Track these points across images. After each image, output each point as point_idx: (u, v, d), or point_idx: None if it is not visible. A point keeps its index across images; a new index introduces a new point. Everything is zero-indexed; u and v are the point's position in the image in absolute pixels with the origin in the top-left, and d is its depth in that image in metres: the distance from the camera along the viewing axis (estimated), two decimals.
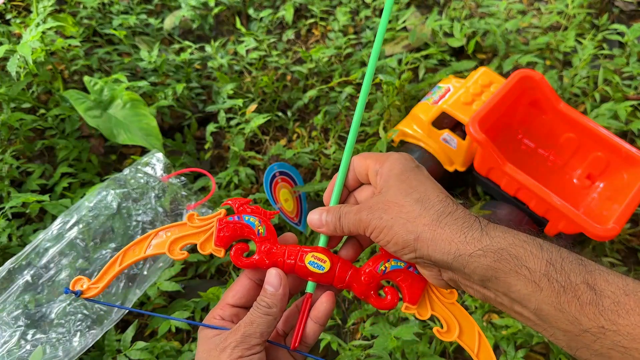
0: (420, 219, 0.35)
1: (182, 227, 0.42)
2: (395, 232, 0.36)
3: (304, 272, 0.41)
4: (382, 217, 0.36)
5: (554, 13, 1.22)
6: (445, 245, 0.34)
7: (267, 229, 0.42)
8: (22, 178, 0.93)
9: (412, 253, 0.36)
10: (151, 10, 1.29)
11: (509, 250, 0.33)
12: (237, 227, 0.41)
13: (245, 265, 0.41)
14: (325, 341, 0.72)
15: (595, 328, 0.31)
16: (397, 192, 0.37)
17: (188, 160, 0.99)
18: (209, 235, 0.41)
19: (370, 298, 0.41)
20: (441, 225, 0.35)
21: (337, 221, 0.40)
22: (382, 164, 0.39)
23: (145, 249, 0.41)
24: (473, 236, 0.34)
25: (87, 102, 0.89)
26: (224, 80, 1.05)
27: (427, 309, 0.41)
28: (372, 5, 1.26)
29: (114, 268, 0.41)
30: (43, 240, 0.74)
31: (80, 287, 0.40)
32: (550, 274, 0.32)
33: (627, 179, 0.82)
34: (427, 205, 0.36)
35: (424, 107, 0.90)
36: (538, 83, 0.85)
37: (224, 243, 0.41)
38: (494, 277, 0.34)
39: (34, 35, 0.89)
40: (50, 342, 0.68)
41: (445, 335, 0.40)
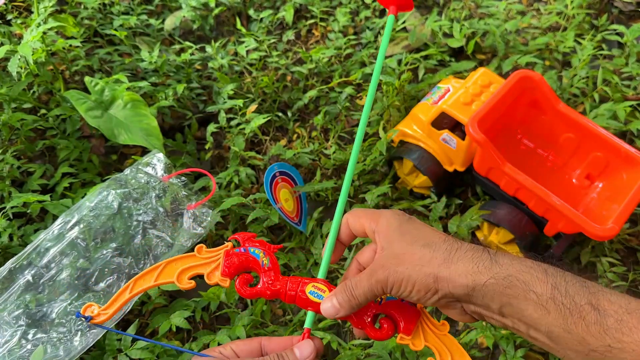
0: (433, 261, 0.37)
1: (191, 258, 0.44)
2: (415, 280, 0.37)
3: (304, 302, 0.43)
4: (398, 271, 0.38)
5: (553, 14, 1.22)
6: (462, 279, 0.36)
7: (270, 261, 0.44)
8: (23, 178, 0.93)
9: (436, 295, 0.37)
10: (152, 11, 1.29)
11: (517, 276, 0.35)
12: (243, 258, 0.44)
13: (249, 295, 0.43)
14: (325, 340, 0.72)
15: (602, 347, 0.32)
16: (403, 244, 0.39)
17: (188, 161, 0.99)
18: (216, 266, 0.44)
19: (367, 328, 0.43)
20: (454, 261, 0.37)
21: (350, 297, 0.40)
22: (377, 222, 0.41)
23: (156, 278, 0.44)
24: (484, 265, 0.36)
25: (87, 103, 0.89)
26: (225, 80, 1.05)
27: (421, 340, 0.43)
28: (372, 5, 1.26)
29: (124, 295, 0.43)
30: (44, 240, 0.74)
31: (91, 313, 0.42)
32: (556, 297, 0.34)
33: (626, 179, 0.82)
34: (434, 247, 0.38)
35: (423, 108, 0.91)
36: (537, 83, 0.85)
37: (230, 274, 0.44)
38: (507, 303, 0.35)
39: (34, 35, 0.89)
40: (51, 342, 0.68)
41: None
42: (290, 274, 0.85)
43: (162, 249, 0.77)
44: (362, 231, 0.43)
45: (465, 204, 0.96)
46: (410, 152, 0.90)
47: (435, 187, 0.91)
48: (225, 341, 0.71)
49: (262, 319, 0.79)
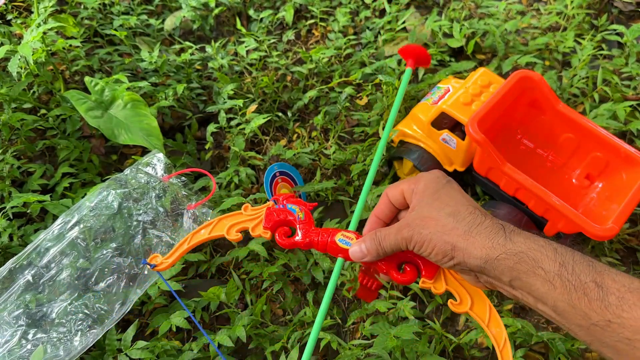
0: (454, 231, 0.40)
1: (238, 215, 0.51)
2: (435, 244, 0.41)
3: (335, 248, 0.47)
4: (422, 232, 0.41)
5: (553, 14, 1.22)
6: (477, 251, 0.39)
7: (305, 215, 0.50)
8: (23, 178, 0.93)
9: (451, 261, 0.41)
10: (152, 11, 1.29)
11: (528, 253, 0.38)
12: (281, 212, 0.50)
13: (287, 245, 0.48)
14: (325, 340, 0.72)
15: (602, 322, 0.35)
16: (432, 209, 0.42)
17: (189, 161, 0.99)
18: (259, 221, 0.50)
19: (392, 272, 0.46)
20: (472, 234, 0.40)
21: (378, 246, 0.45)
22: (417, 184, 0.44)
23: (210, 232, 0.50)
24: (499, 242, 0.39)
25: (88, 103, 0.89)
26: (225, 80, 1.06)
27: (442, 284, 0.46)
28: (372, 6, 1.26)
29: (183, 246, 0.50)
30: (44, 240, 0.74)
31: (155, 262, 0.50)
32: (562, 274, 0.37)
33: (626, 178, 0.82)
34: (459, 218, 0.41)
35: (423, 108, 0.91)
36: (537, 83, 0.85)
37: (271, 227, 0.49)
38: (517, 277, 0.38)
39: (34, 35, 0.89)
40: (51, 342, 0.68)
41: (459, 307, 0.45)
42: (290, 274, 0.85)
43: (162, 248, 0.77)
44: (402, 197, 0.46)
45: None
46: (410, 152, 0.90)
47: None
48: (226, 341, 0.71)
49: (262, 319, 0.79)
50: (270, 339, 0.76)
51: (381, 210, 0.48)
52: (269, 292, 0.83)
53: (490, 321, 0.44)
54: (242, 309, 0.83)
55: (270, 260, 0.85)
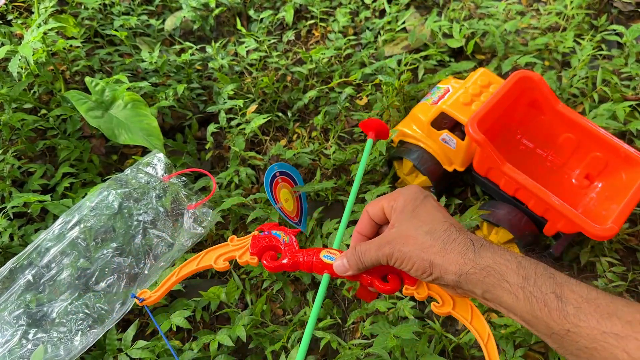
0: (431, 249, 0.42)
1: (224, 246, 0.53)
2: (415, 261, 0.43)
3: (320, 265, 0.49)
4: (402, 250, 0.43)
5: (552, 14, 1.22)
6: (452, 267, 0.41)
7: (290, 239, 0.52)
8: (23, 178, 0.93)
9: (430, 276, 0.43)
10: (152, 11, 1.29)
11: (494, 267, 0.40)
12: (267, 238, 0.52)
13: (273, 268, 0.50)
14: (325, 340, 0.72)
15: (562, 331, 0.37)
16: (410, 226, 0.44)
17: (189, 161, 0.99)
18: (245, 249, 0.52)
19: (375, 283, 0.48)
20: (447, 251, 0.42)
21: (358, 260, 0.46)
22: (396, 201, 0.46)
23: (198, 263, 0.52)
24: (469, 257, 0.41)
25: (88, 103, 0.89)
26: (225, 80, 1.06)
27: (424, 289, 0.48)
28: (372, 6, 1.27)
29: (172, 279, 0.52)
30: (44, 240, 0.74)
31: (144, 297, 0.51)
32: (525, 287, 0.39)
33: (626, 178, 0.82)
34: (435, 235, 0.43)
35: (423, 108, 0.91)
36: (537, 84, 0.85)
37: (257, 252, 0.51)
38: (487, 290, 0.40)
39: (35, 36, 0.89)
40: (52, 341, 0.68)
41: (441, 308, 0.47)
42: (290, 274, 0.85)
43: (163, 248, 0.77)
44: (382, 213, 0.48)
45: (464, 204, 0.96)
46: (410, 152, 0.90)
47: (434, 187, 0.91)
48: (226, 341, 0.71)
49: (262, 319, 0.79)
50: (271, 339, 0.77)
51: (363, 227, 0.50)
52: (269, 292, 0.83)
53: (473, 319, 0.46)
54: (242, 308, 0.84)
55: None
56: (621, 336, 0.34)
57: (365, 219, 0.50)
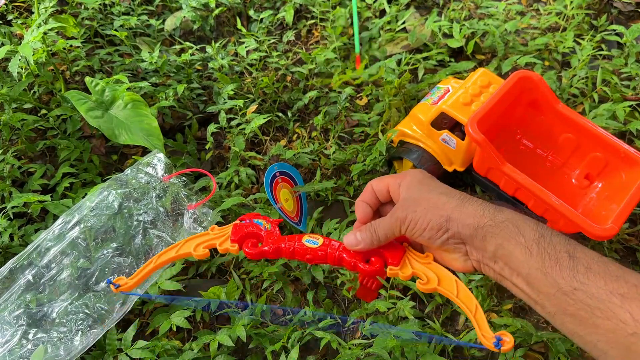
0: (447, 205, 0.44)
1: (204, 235, 0.52)
2: (430, 219, 0.43)
3: (302, 251, 0.49)
4: (416, 210, 0.44)
5: (552, 14, 1.22)
6: (469, 219, 0.42)
7: (272, 226, 0.52)
8: (23, 178, 0.93)
9: (445, 234, 0.43)
10: (152, 11, 1.29)
11: (512, 220, 0.42)
12: (248, 226, 0.51)
13: (254, 255, 0.50)
14: (325, 340, 0.72)
15: (569, 288, 0.38)
16: (422, 192, 0.46)
17: (189, 161, 0.99)
18: (226, 238, 0.51)
19: (358, 266, 0.49)
20: (465, 205, 0.43)
21: (372, 233, 0.47)
22: (403, 179, 0.48)
23: (177, 251, 0.51)
24: (489, 211, 0.43)
25: (88, 103, 0.89)
26: (225, 81, 1.06)
27: (408, 268, 0.48)
28: (373, 6, 1.27)
29: (149, 266, 0.51)
30: (44, 240, 0.74)
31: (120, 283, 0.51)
32: (540, 242, 0.40)
33: (626, 178, 0.82)
34: (450, 195, 0.45)
35: (423, 108, 0.91)
36: (537, 84, 0.85)
37: (238, 240, 0.50)
38: (500, 245, 0.41)
39: (35, 36, 0.89)
40: (52, 342, 0.68)
41: (426, 285, 0.47)
42: (290, 274, 0.85)
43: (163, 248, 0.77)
44: (386, 191, 0.49)
45: None
46: (410, 152, 0.90)
47: None
48: (226, 341, 0.71)
49: (263, 319, 0.79)
50: (271, 339, 0.77)
51: (367, 197, 0.51)
52: (269, 292, 0.83)
53: (459, 292, 0.46)
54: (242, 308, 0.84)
55: (270, 260, 0.85)
56: (626, 297, 0.35)
57: (369, 192, 0.51)
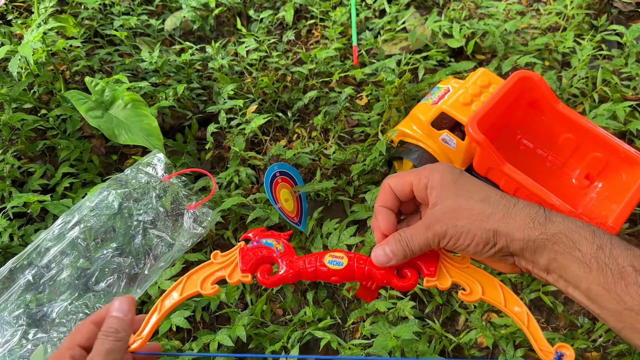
0: (493, 217, 0.39)
1: (208, 266, 0.45)
2: (475, 234, 0.39)
3: (326, 273, 0.44)
4: (457, 225, 0.39)
5: (552, 14, 1.22)
6: (519, 233, 0.38)
7: (284, 246, 0.45)
8: (23, 178, 0.93)
9: (493, 248, 0.39)
10: (152, 11, 1.29)
11: (566, 233, 0.37)
12: (258, 250, 0.45)
13: (273, 283, 0.44)
14: (325, 340, 0.72)
15: (637, 306, 0.34)
16: (459, 199, 0.40)
17: (189, 161, 0.99)
18: (234, 266, 0.45)
19: (392, 281, 0.44)
20: (512, 217, 0.38)
21: (405, 247, 0.42)
22: (430, 177, 0.42)
23: (181, 292, 0.44)
24: (539, 222, 0.38)
25: (88, 103, 0.89)
26: (225, 80, 1.06)
27: (447, 278, 0.43)
28: (373, 6, 1.27)
29: (154, 317, 0.43)
30: (44, 240, 0.74)
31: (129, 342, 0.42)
32: (599, 257, 0.36)
33: (626, 178, 0.82)
34: (492, 203, 0.39)
35: (423, 108, 0.91)
36: (537, 84, 0.85)
37: (250, 269, 0.44)
38: (554, 259, 0.37)
39: (35, 35, 0.89)
40: (52, 342, 0.68)
41: (470, 297, 0.43)
42: None
43: (163, 248, 0.77)
44: (408, 191, 0.43)
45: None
46: (410, 152, 0.90)
47: None
48: (226, 341, 0.71)
49: (262, 319, 0.79)
50: (271, 339, 0.77)
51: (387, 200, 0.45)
52: (269, 292, 0.83)
53: (507, 301, 0.42)
54: (242, 308, 0.84)
55: None
56: None
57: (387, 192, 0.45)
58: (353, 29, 1.13)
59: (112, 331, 0.39)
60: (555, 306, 0.84)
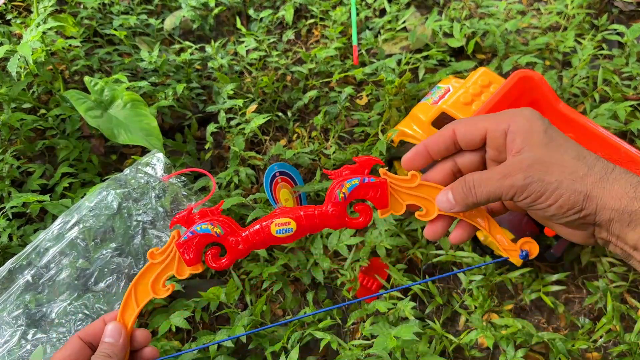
0: (587, 178, 0.33)
1: (150, 268, 0.42)
2: (562, 194, 0.33)
3: (279, 240, 0.42)
4: (544, 180, 0.34)
5: (553, 13, 1.22)
6: (613, 202, 0.33)
7: (222, 226, 0.41)
8: (22, 178, 0.93)
9: (578, 214, 0.34)
10: (151, 11, 1.29)
11: None
12: (196, 241, 0.41)
13: (224, 266, 0.42)
14: (325, 341, 0.72)
15: None
16: (551, 152, 0.34)
17: (188, 160, 0.99)
18: (179, 260, 0.42)
19: (347, 224, 0.42)
20: (609, 181, 0.33)
21: (469, 194, 0.36)
22: (512, 122, 0.36)
23: (137, 303, 0.42)
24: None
25: (87, 102, 0.89)
26: (224, 80, 1.05)
27: (400, 204, 0.41)
28: (373, 5, 1.26)
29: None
30: (44, 240, 0.74)
31: None
32: None
33: None
34: (589, 163, 0.34)
35: (423, 107, 0.90)
36: (537, 83, 0.85)
37: (196, 259, 0.41)
38: None
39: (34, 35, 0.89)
40: (51, 342, 0.68)
41: (426, 216, 0.41)
42: (290, 274, 0.85)
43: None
44: (479, 138, 0.38)
45: None
46: None
47: None
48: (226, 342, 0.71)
49: (262, 319, 0.79)
50: (270, 339, 0.76)
51: (435, 144, 0.39)
52: (269, 292, 0.83)
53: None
54: (242, 309, 0.83)
55: (270, 260, 0.85)
56: None
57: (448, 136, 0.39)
58: (353, 29, 1.12)
59: (104, 355, 0.40)
60: (556, 306, 0.84)
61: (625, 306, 0.83)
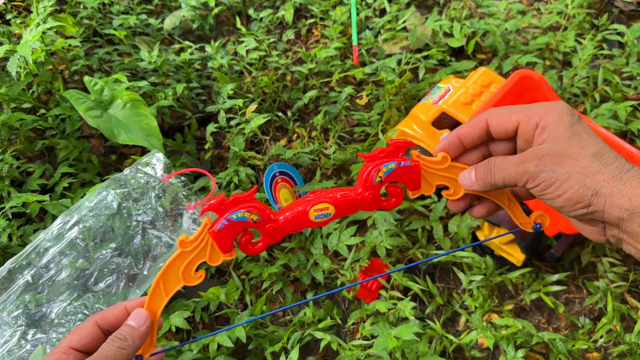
0: (599, 175, 0.34)
1: (182, 255, 0.41)
2: (570, 187, 0.35)
3: (313, 225, 0.42)
4: (556, 170, 0.35)
5: (553, 13, 1.22)
6: (624, 201, 0.33)
7: (258, 212, 0.41)
8: (22, 178, 0.93)
9: (585, 209, 0.35)
10: (151, 11, 1.29)
11: None
12: (232, 228, 0.40)
13: (259, 250, 0.42)
14: (325, 341, 0.72)
15: None
16: (569, 146, 0.35)
17: (188, 160, 0.99)
18: (211, 247, 0.41)
19: (381, 206, 0.43)
20: (622, 181, 0.34)
21: (488, 175, 0.39)
22: (545, 116, 0.37)
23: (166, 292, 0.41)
24: None
25: (87, 102, 0.89)
26: (224, 80, 1.05)
27: (430, 185, 0.43)
28: (373, 5, 1.26)
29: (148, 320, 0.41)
30: (43, 240, 0.74)
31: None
32: None
33: None
34: (605, 161, 0.35)
35: (423, 107, 0.90)
36: (537, 83, 0.85)
37: (230, 246, 0.41)
38: None
39: (34, 35, 0.89)
40: (51, 342, 0.68)
41: (454, 195, 0.43)
42: (290, 274, 0.85)
43: (162, 249, 0.77)
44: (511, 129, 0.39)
45: None
46: None
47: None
48: (226, 342, 0.71)
49: (262, 320, 0.79)
50: (270, 340, 0.76)
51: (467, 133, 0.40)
52: (269, 293, 0.83)
53: None
54: (242, 309, 0.83)
55: (270, 260, 0.84)
56: None
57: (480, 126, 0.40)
58: (353, 28, 1.12)
59: (121, 337, 0.38)
60: (557, 307, 0.84)
61: (626, 306, 0.83)
